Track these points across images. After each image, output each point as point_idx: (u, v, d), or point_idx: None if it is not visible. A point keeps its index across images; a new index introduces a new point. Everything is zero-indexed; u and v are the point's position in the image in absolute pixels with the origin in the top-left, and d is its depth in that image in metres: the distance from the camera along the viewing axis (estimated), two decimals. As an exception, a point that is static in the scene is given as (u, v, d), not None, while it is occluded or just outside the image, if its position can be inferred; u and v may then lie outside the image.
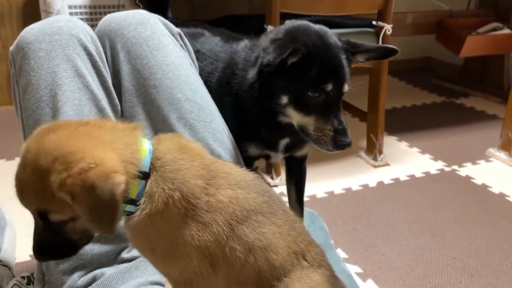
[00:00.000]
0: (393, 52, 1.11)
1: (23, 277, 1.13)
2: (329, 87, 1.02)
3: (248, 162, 1.18)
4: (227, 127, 1.09)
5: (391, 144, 2.28)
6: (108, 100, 1.01)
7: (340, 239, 1.53)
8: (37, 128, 0.93)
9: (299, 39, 1.02)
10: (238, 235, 0.66)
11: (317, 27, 1.08)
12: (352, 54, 1.08)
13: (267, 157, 1.27)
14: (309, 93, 1.02)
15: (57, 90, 0.93)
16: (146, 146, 0.65)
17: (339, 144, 1.03)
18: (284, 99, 1.06)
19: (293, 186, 1.35)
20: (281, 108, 1.07)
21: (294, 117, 1.07)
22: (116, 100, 1.03)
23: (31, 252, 1.41)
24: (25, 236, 1.48)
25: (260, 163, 1.80)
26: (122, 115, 1.03)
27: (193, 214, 0.63)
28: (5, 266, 1.17)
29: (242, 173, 0.72)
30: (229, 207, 0.66)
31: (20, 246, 1.44)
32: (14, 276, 1.17)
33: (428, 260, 1.43)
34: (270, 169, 1.90)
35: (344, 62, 1.05)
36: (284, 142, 1.19)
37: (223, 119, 1.08)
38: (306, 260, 0.73)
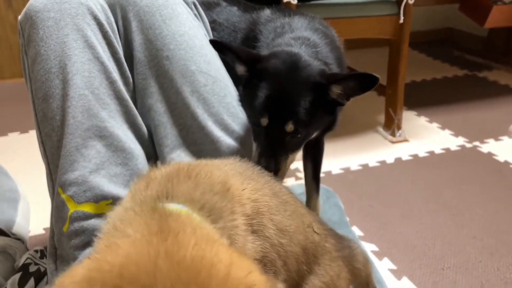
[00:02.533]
0: (374, 79, 0.92)
1: (36, 251, 1.13)
2: (265, 121, 0.94)
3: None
4: (242, 101, 1.05)
5: (410, 119, 2.22)
6: (120, 72, 0.97)
7: (355, 216, 1.50)
8: (48, 100, 0.90)
9: (268, 61, 0.95)
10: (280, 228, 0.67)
11: (304, 59, 0.96)
12: (328, 88, 0.94)
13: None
14: (252, 122, 0.96)
15: (66, 61, 0.90)
16: None
17: None
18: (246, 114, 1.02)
19: (309, 162, 1.31)
20: None
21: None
22: (128, 72, 0.99)
23: (45, 225, 1.41)
24: (39, 209, 1.48)
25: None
26: (134, 87, 1.00)
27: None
28: (19, 239, 1.17)
29: (237, 165, 0.73)
30: (262, 201, 0.66)
31: (34, 219, 1.44)
32: (27, 250, 1.17)
33: (446, 239, 1.39)
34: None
35: (301, 99, 0.92)
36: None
37: (237, 93, 1.04)
38: (316, 232, 0.75)
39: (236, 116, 1.00)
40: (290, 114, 0.93)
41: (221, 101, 0.99)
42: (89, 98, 0.90)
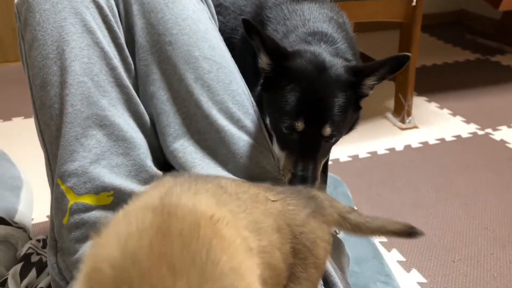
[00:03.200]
0: (405, 59, 0.89)
1: (38, 240, 1.11)
2: (300, 126, 0.88)
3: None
4: (248, 89, 1.00)
5: (420, 105, 2.17)
6: (120, 58, 0.93)
7: (363, 205, 1.47)
8: (46, 87, 0.87)
9: (294, 60, 0.90)
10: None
11: (328, 59, 0.92)
12: (360, 84, 0.91)
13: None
14: (282, 127, 0.90)
15: (64, 47, 0.86)
16: None
17: None
18: (267, 121, 0.95)
19: (317, 151, 1.27)
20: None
21: (274, 145, 0.96)
22: (129, 58, 0.95)
23: (49, 213, 1.39)
24: (43, 196, 1.46)
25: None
26: (136, 74, 0.96)
27: None
28: (21, 228, 1.15)
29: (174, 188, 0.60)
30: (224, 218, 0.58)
31: (38, 206, 1.42)
32: (30, 239, 1.15)
33: (457, 230, 1.36)
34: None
35: (336, 101, 0.88)
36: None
37: (243, 80, 1.00)
38: (275, 201, 0.70)
39: (241, 104, 0.96)
40: (327, 117, 0.88)
41: (226, 89, 0.95)
42: (89, 85, 0.86)
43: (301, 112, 0.88)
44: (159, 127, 0.95)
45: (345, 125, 0.94)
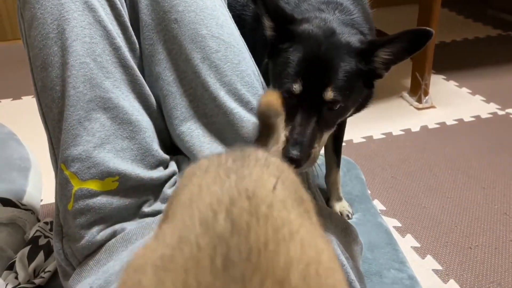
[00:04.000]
0: (426, 34, 0.80)
1: (46, 223, 1.10)
2: (297, 88, 0.82)
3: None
4: (257, 69, 0.96)
5: (438, 84, 2.09)
6: (124, 37, 0.89)
7: (377, 189, 1.43)
8: (47, 68, 0.84)
9: (301, 25, 0.86)
10: None
11: (340, 27, 0.86)
12: (372, 54, 0.84)
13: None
14: (282, 91, 0.84)
15: (65, 26, 0.82)
16: None
17: (285, 155, 0.81)
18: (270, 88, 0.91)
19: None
20: None
21: None
22: (134, 38, 0.91)
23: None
24: (52, 177, 1.45)
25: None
26: (141, 54, 0.92)
27: None
28: (29, 210, 1.14)
29: None
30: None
31: (46, 188, 1.41)
32: (38, 221, 1.14)
33: (474, 215, 1.32)
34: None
35: (342, 65, 0.82)
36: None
37: (253, 60, 0.95)
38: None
39: (251, 85, 0.92)
40: (329, 79, 0.82)
41: (234, 69, 0.91)
42: (91, 66, 0.82)
43: (300, 74, 0.83)
44: (165, 109, 0.92)
45: (352, 96, 0.87)
